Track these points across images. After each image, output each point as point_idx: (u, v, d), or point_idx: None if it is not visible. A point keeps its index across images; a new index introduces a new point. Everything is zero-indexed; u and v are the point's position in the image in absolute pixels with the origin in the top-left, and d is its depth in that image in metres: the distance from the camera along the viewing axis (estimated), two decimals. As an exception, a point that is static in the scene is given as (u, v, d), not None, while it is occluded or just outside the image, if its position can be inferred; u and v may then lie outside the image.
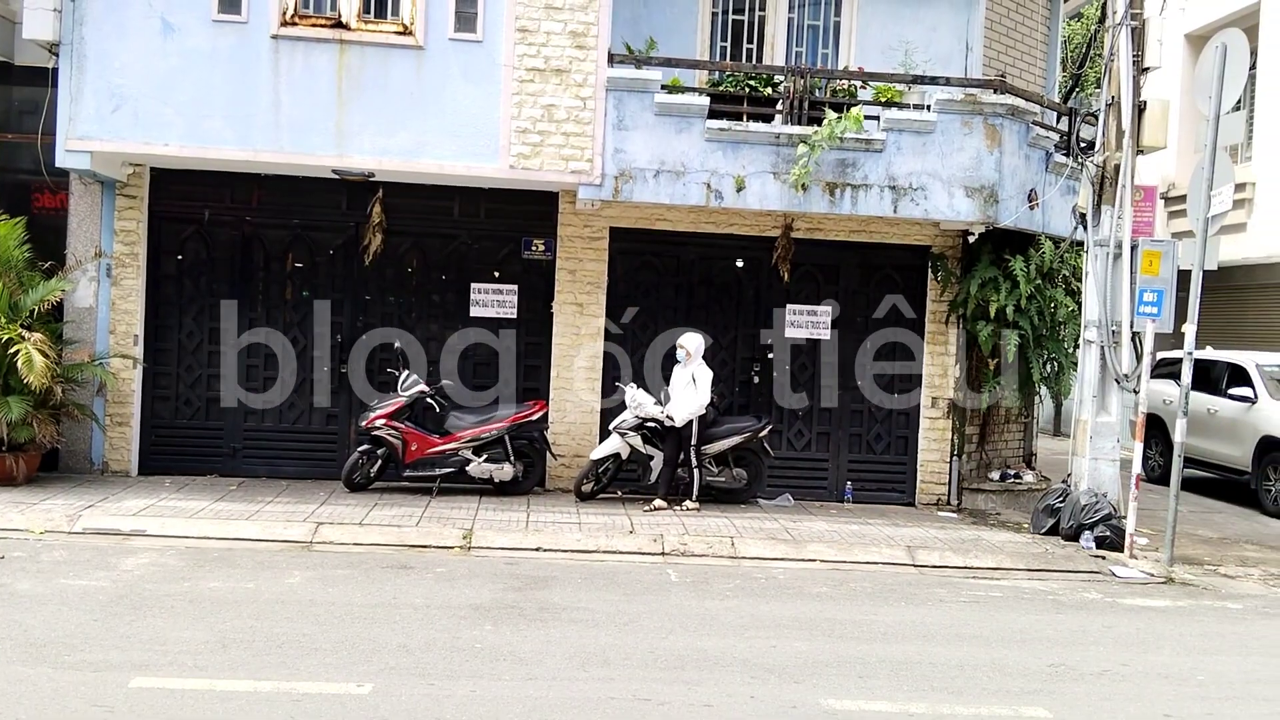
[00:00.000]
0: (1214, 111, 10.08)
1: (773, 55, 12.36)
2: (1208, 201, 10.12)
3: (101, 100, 10.42)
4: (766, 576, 9.07)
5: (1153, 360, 11.25)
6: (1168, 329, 10.64)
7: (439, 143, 10.72)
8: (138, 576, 7.94)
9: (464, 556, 9.21)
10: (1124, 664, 7.08)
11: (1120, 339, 10.91)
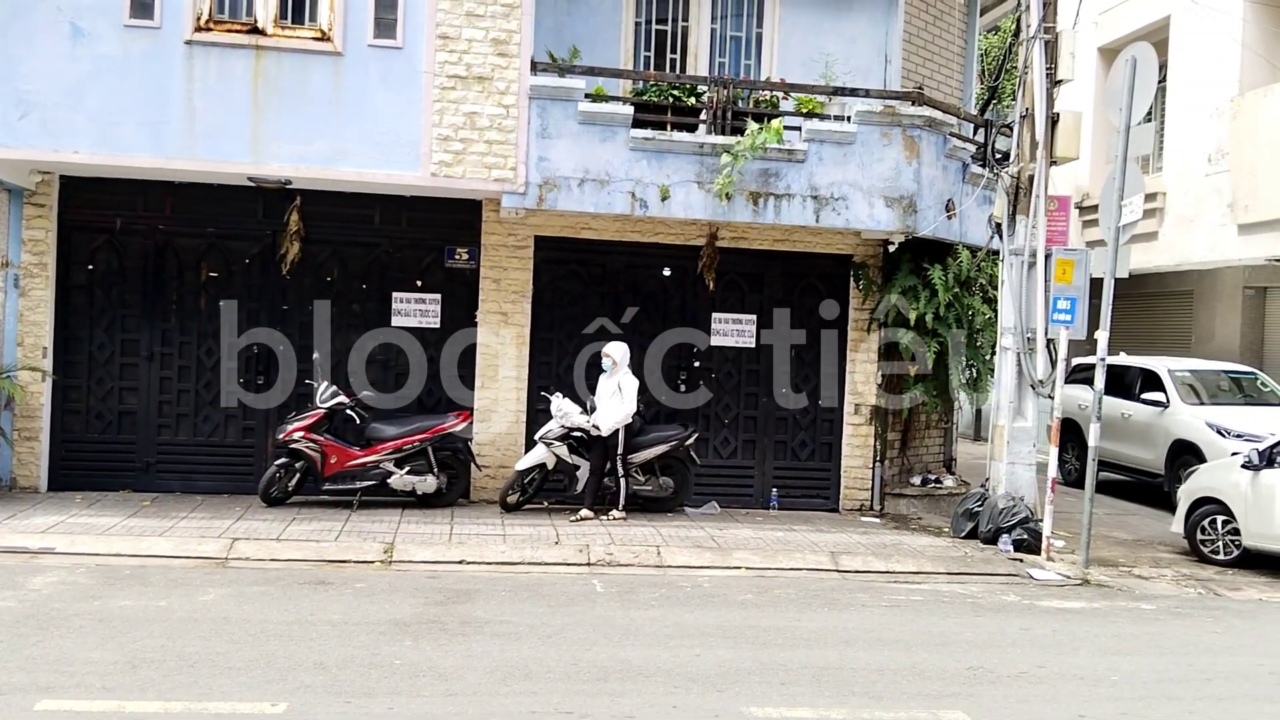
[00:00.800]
0: (1124, 123, 10.32)
1: (696, 66, 12.42)
2: (1119, 211, 10.36)
3: (7, 107, 10.12)
4: (692, 585, 9.07)
5: (1068, 366, 11.50)
6: (1082, 335, 10.86)
7: (359, 150, 10.58)
8: (45, 595, 7.70)
9: (385, 571, 9.07)
10: (1041, 665, 7.18)
11: (1036, 346, 11.12)
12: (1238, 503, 10.60)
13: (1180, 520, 11.29)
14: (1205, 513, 11.00)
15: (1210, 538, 10.94)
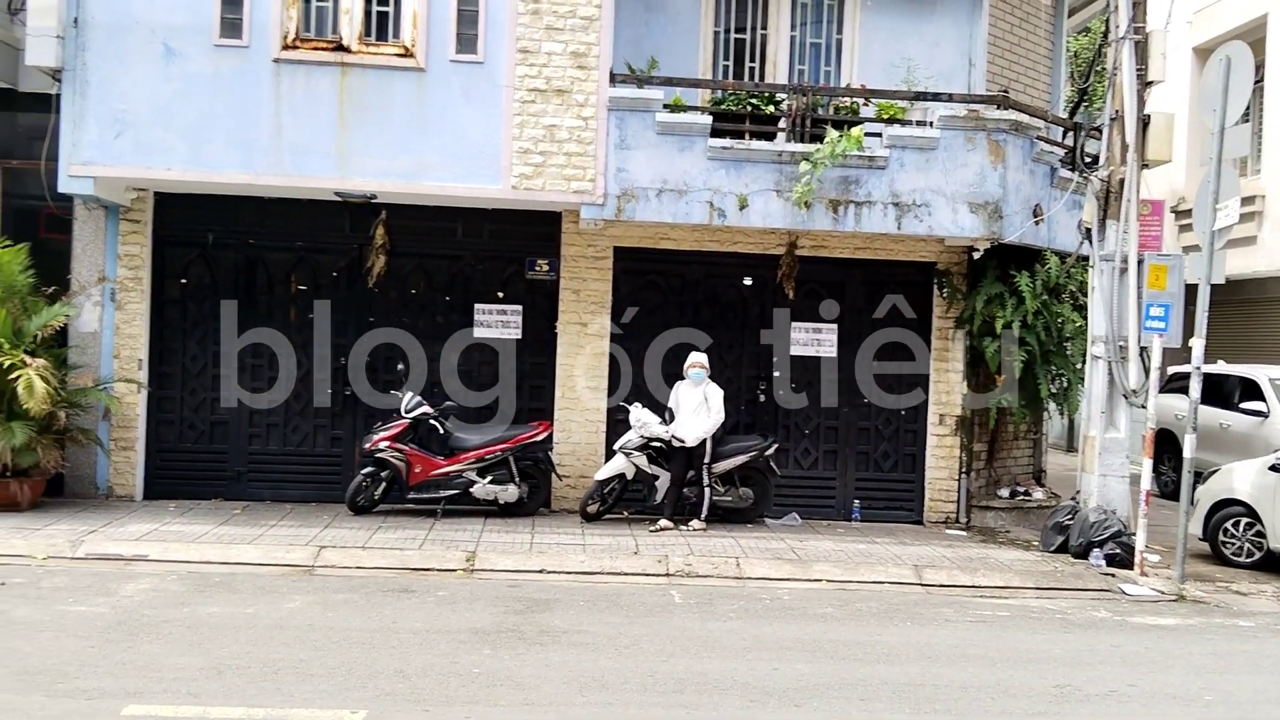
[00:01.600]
0: (1219, 124, 10.01)
1: (775, 74, 12.34)
2: (1213, 215, 10.04)
3: (104, 126, 10.47)
4: (771, 597, 8.99)
5: (1162, 375, 11.15)
6: (1176, 344, 10.53)
7: (441, 164, 10.73)
8: (137, 602, 7.91)
9: (466, 579, 9.16)
10: (1131, 684, 6.97)
11: (1128, 354, 10.83)
12: (1265, 506, 10.53)
13: (1200, 521, 11.14)
14: (1228, 515, 10.94)
15: (1233, 539, 10.88)
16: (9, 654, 6.52)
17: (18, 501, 10.50)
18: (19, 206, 11.43)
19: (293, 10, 10.62)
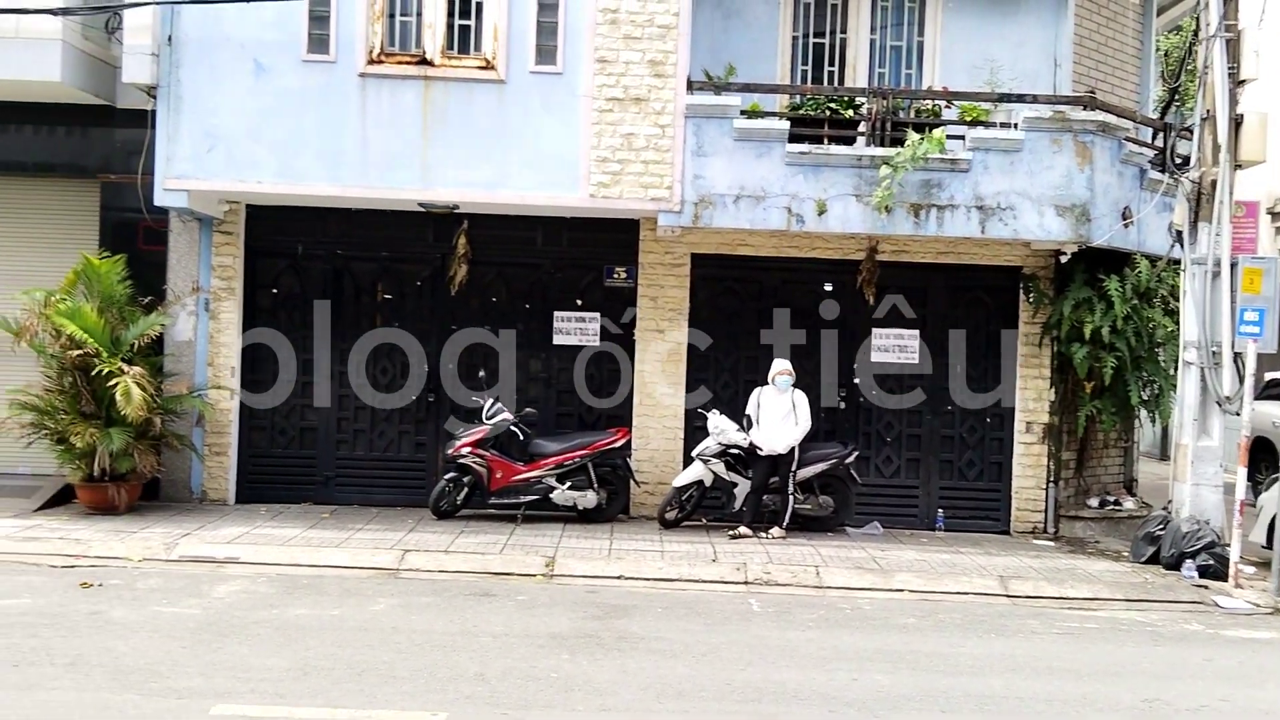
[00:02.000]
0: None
1: (855, 77, 12.25)
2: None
3: (197, 140, 10.80)
4: (851, 607, 8.92)
5: (1258, 381, 10.83)
6: (1272, 348, 10.22)
7: (520, 174, 10.86)
8: (228, 604, 8.14)
9: (546, 584, 9.25)
10: (1224, 699, 6.78)
11: (1221, 360, 10.52)
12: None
13: (1263, 529, 10.71)
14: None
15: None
16: (105, 653, 6.76)
17: (115, 505, 10.87)
18: (117, 219, 11.83)
19: (378, 25, 10.84)
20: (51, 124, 11.89)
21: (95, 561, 9.28)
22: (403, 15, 10.99)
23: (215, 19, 10.70)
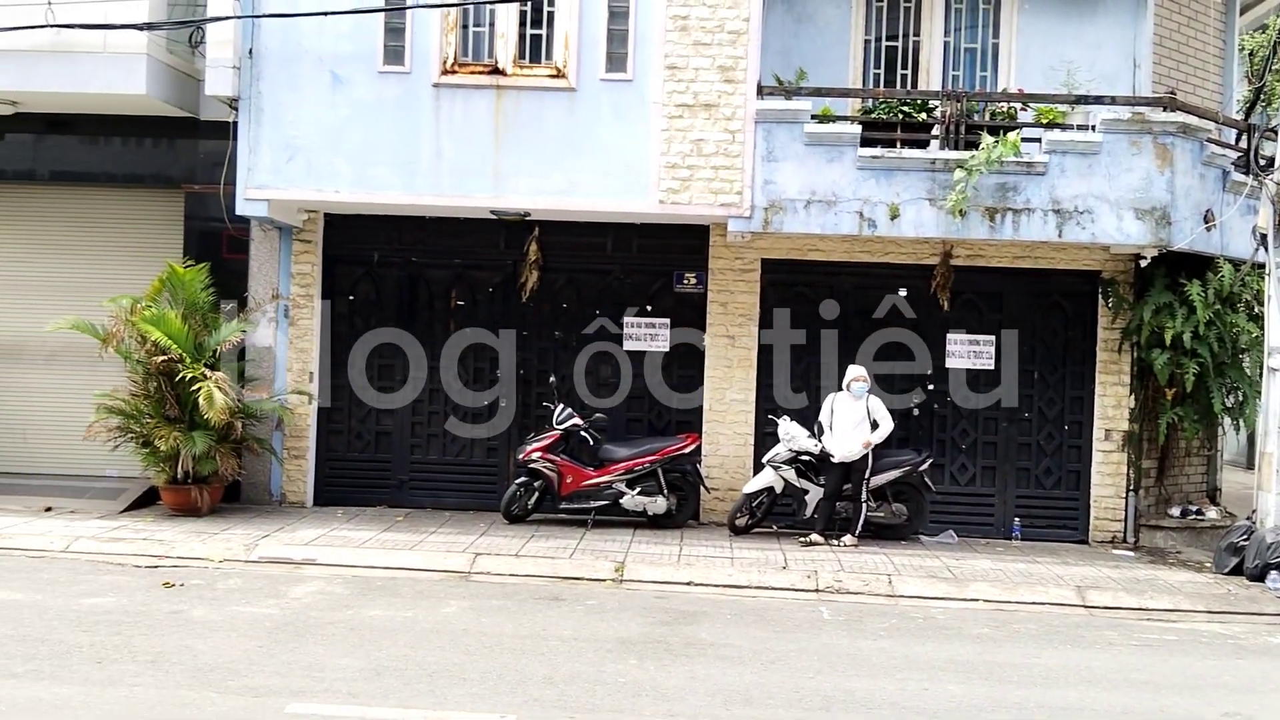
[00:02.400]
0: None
1: (928, 80, 12.12)
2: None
3: (277, 151, 11.05)
4: (924, 616, 8.82)
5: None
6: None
7: (591, 181, 10.93)
8: (305, 604, 8.31)
9: (615, 589, 9.28)
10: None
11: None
12: None
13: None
14: None
15: None
16: (185, 652, 6.94)
17: (197, 507, 11.16)
18: (201, 228, 12.16)
19: (451, 36, 11.00)
20: (139, 136, 12.30)
21: (178, 562, 9.54)
22: (475, 26, 11.13)
23: (294, 32, 10.93)
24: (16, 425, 12.62)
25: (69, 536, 10.04)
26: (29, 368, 12.58)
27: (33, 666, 6.54)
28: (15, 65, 11.08)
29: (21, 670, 6.47)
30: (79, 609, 7.90)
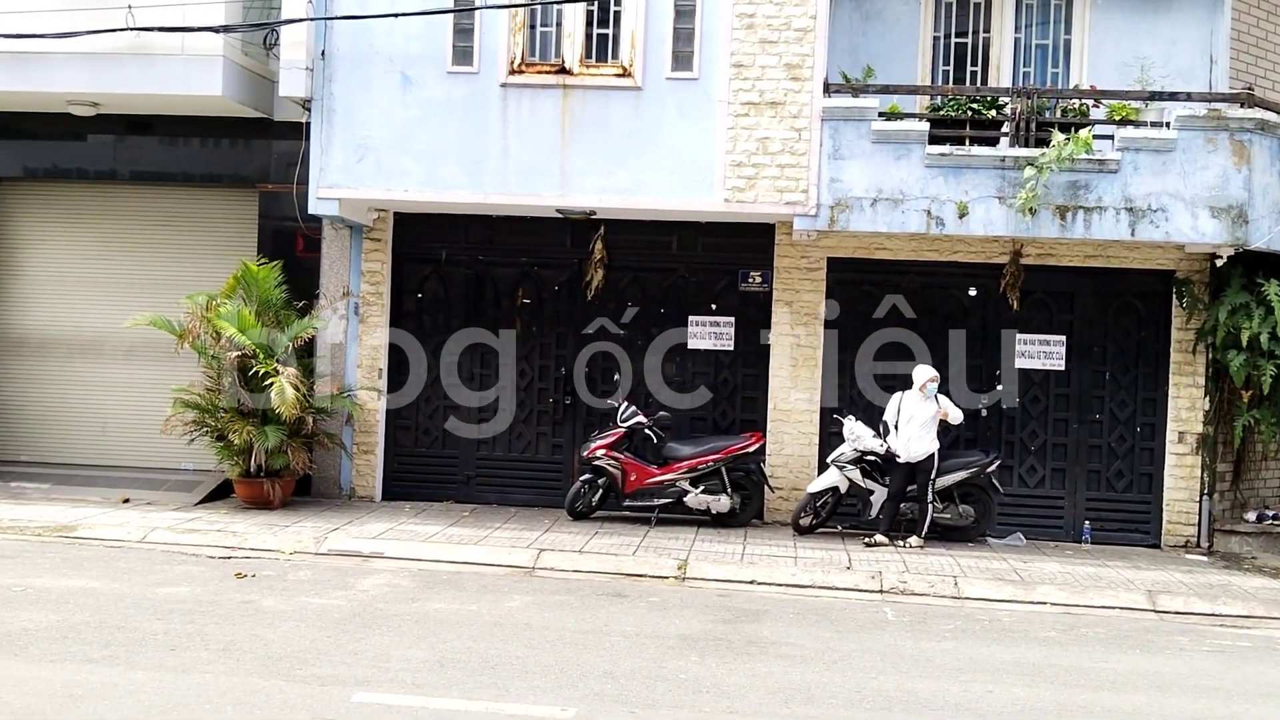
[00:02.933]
0: None
1: (998, 77, 11.97)
2: None
3: (348, 151, 11.23)
4: (990, 618, 8.73)
5: None
6: None
7: (656, 179, 10.96)
8: (372, 596, 8.45)
9: (678, 587, 9.31)
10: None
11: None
12: None
13: None
14: None
15: None
16: (255, 640, 7.11)
17: (269, 500, 11.39)
18: (274, 227, 12.42)
19: (519, 36, 11.10)
20: (215, 137, 12.58)
21: (249, 553, 9.76)
22: (543, 25, 11.22)
23: (365, 34, 11.12)
24: (96, 419, 13.00)
25: (146, 527, 10.31)
26: (109, 362, 12.95)
27: (109, 652, 6.74)
28: (97, 68, 11.40)
29: (98, 656, 6.67)
30: (154, 598, 8.13)
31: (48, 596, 8.05)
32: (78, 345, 13.02)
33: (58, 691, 6.00)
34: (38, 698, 5.89)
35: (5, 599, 7.94)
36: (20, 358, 13.14)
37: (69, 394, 13.05)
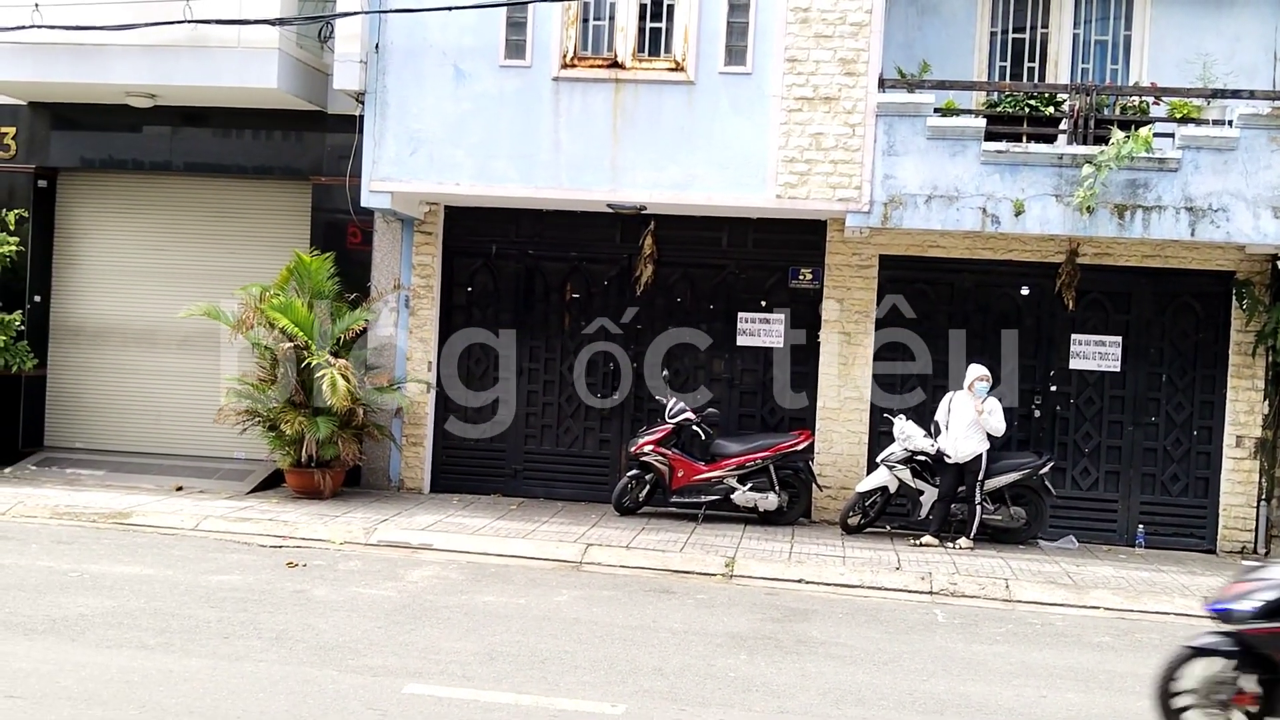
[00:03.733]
0: None
1: (1056, 73, 11.81)
2: None
3: (401, 144, 11.28)
4: (1043, 622, 8.62)
5: None
6: None
7: (707, 175, 10.91)
8: (421, 588, 8.49)
9: (725, 584, 9.27)
10: None
11: None
12: None
13: None
14: None
15: None
16: (307, 630, 7.16)
17: (320, 490, 11.48)
18: (327, 219, 12.50)
19: (571, 30, 11.09)
20: (269, 129, 12.67)
21: (300, 543, 9.85)
22: (595, 19, 11.21)
23: (419, 27, 11.15)
24: (150, 407, 13.18)
25: (198, 515, 10.43)
26: (163, 352, 13.12)
27: (164, 639, 6.82)
28: (155, 60, 11.53)
29: (153, 642, 6.75)
30: (207, 585, 8.22)
31: (103, 582, 8.17)
32: (132, 334, 13.20)
33: (114, 677, 6.08)
34: (95, 683, 5.97)
35: (62, 584, 8.07)
36: (76, 346, 13.34)
37: (124, 382, 13.24)
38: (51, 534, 9.82)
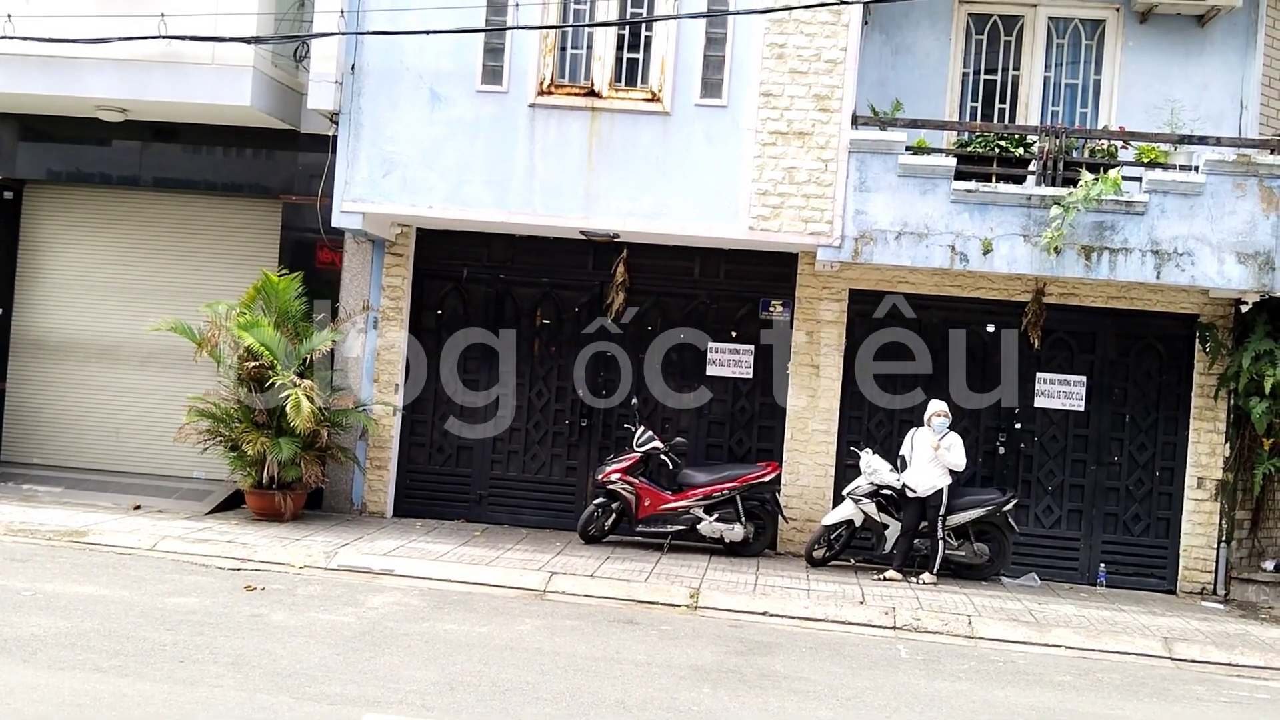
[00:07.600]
0: None
1: (1026, 115, 11.95)
2: None
3: (374, 165, 11.24)
4: (1005, 660, 8.63)
5: None
6: None
7: (681, 205, 10.94)
8: (381, 614, 8.39)
9: (690, 615, 9.23)
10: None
11: None
12: None
13: None
14: None
15: None
16: (264, 655, 7.05)
17: (280, 512, 11.34)
18: (297, 239, 12.41)
19: (549, 58, 11.11)
20: (240, 146, 12.59)
21: (260, 566, 9.71)
22: (573, 48, 11.24)
23: (396, 50, 11.13)
24: (110, 424, 13.01)
25: (156, 535, 10.27)
26: (124, 368, 12.97)
27: (118, 662, 6.69)
28: (127, 74, 11.42)
29: (107, 665, 6.62)
30: (164, 608, 8.08)
31: (57, 602, 8.02)
32: (94, 350, 13.04)
33: (66, 700, 5.95)
34: (47, 705, 5.84)
35: (15, 603, 7.91)
36: (37, 360, 13.16)
37: (84, 398, 13.06)
38: (5, 551, 9.63)
